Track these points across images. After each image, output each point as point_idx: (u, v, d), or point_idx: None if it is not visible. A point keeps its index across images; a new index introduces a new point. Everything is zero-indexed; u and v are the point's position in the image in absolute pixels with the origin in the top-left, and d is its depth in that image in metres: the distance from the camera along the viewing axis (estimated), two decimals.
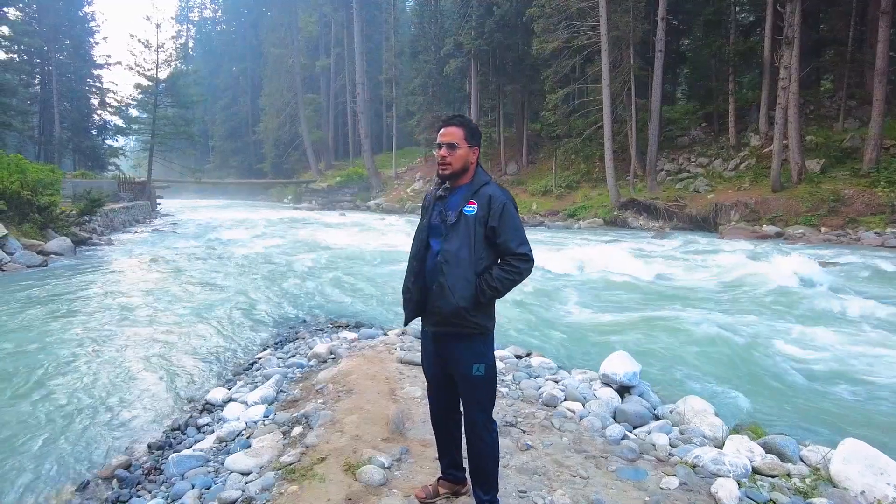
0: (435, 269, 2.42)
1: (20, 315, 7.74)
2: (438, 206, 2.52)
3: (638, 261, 12.41)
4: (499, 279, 2.41)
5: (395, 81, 46.26)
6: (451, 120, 2.50)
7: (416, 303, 2.52)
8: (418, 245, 2.53)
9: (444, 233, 2.43)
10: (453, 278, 2.36)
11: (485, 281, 2.39)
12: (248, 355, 6.29)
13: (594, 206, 25.23)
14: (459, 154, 2.44)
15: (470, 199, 2.42)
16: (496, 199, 2.40)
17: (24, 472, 3.62)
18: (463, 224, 2.39)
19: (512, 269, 2.42)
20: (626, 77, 24.82)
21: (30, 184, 14.46)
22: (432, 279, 2.44)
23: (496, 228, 2.39)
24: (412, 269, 2.53)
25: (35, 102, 37.89)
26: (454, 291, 2.35)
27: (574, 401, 4.21)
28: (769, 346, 6.34)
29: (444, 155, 2.45)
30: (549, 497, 2.85)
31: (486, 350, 2.49)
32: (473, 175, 2.50)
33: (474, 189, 2.44)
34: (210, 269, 12.45)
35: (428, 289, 2.46)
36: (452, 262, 2.37)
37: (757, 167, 21.82)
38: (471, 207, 2.40)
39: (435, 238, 2.48)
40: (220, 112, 70.69)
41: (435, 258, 2.44)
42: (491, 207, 2.39)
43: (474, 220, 2.39)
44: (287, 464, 3.23)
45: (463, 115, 2.57)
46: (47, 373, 5.45)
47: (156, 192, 36.51)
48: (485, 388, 2.52)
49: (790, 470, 3.25)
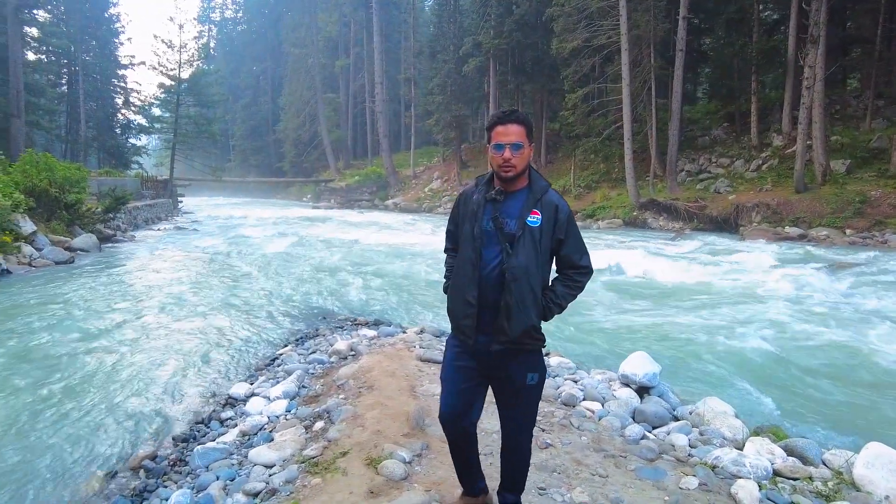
0: (495, 283, 2.20)
1: (50, 310, 7.95)
2: (490, 210, 2.26)
3: (658, 262, 12.33)
4: (563, 296, 2.30)
5: (414, 81, 46.39)
6: (511, 116, 2.23)
7: (479, 318, 2.26)
8: (473, 252, 2.26)
9: (502, 243, 2.20)
10: (523, 297, 2.18)
11: (550, 299, 2.28)
12: (270, 351, 6.39)
13: (613, 207, 25.05)
14: (525, 154, 2.21)
15: (533, 208, 2.21)
16: (562, 209, 2.24)
17: (56, 461, 3.74)
18: (528, 237, 2.18)
19: (575, 284, 2.33)
20: (646, 76, 24.60)
21: (58, 182, 14.81)
22: (491, 293, 2.22)
23: (563, 241, 2.26)
24: (471, 281, 2.24)
25: (62, 102, 38.68)
26: (525, 311, 2.18)
27: (593, 401, 4.22)
28: (791, 348, 6.28)
29: (508, 157, 2.18)
30: (568, 494, 2.87)
31: (540, 358, 2.36)
32: (529, 178, 2.28)
33: (536, 196, 2.23)
34: (231, 267, 12.64)
35: (483, 303, 2.24)
36: (521, 280, 2.17)
37: (780, 168, 21.48)
38: (535, 218, 2.20)
39: (487, 247, 2.23)
40: (241, 111, 71.55)
41: (492, 271, 2.22)
42: (557, 219, 2.23)
43: (540, 233, 2.20)
44: (310, 457, 3.29)
45: (519, 111, 2.29)
46: (76, 366, 5.60)
47: (178, 190, 37.04)
48: (536, 397, 2.39)
49: (812, 473, 3.23)
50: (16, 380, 5.17)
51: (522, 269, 2.16)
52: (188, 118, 39.48)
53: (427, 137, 46.47)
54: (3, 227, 11.46)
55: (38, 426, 4.24)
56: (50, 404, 4.65)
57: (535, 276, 2.19)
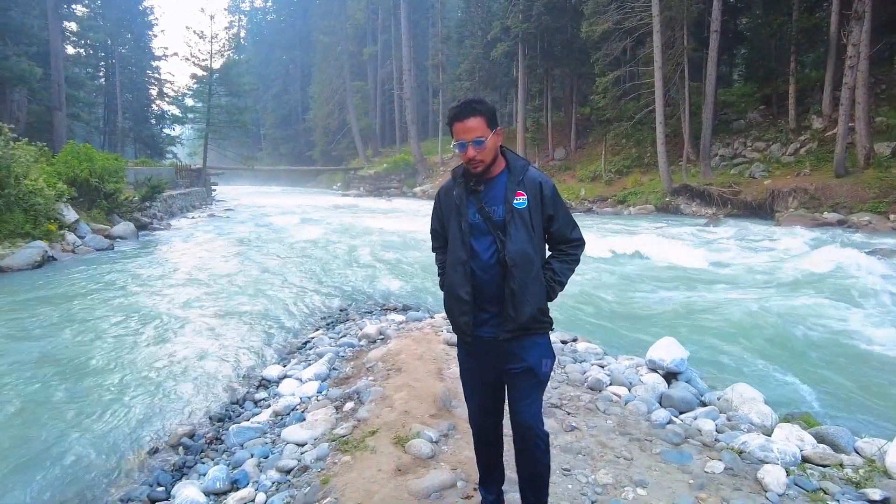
0: (494, 274, 2.15)
1: (93, 295, 8.28)
2: (473, 201, 2.20)
3: (689, 247, 12.14)
4: (562, 272, 2.25)
5: (442, 67, 46.18)
6: (466, 110, 2.12)
7: (474, 313, 2.21)
8: (462, 249, 2.20)
9: (494, 233, 2.15)
10: (526, 282, 2.12)
11: (550, 278, 2.23)
12: (302, 335, 6.56)
13: (645, 192, 24.64)
14: (488, 146, 2.11)
15: (517, 189, 2.15)
16: (546, 184, 2.19)
17: (103, 438, 3.93)
18: (519, 220, 2.12)
19: (571, 258, 2.29)
20: (679, 59, 24.00)
21: (97, 172, 15.30)
22: (490, 286, 2.17)
23: (553, 217, 2.21)
24: (463, 278, 2.19)
25: (100, 94, 39.79)
26: (530, 296, 2.13)
27: (620, 385, 4.23)
28: (825, 335, 6.15)
29: (471, 156, 2.11)
30: (593, 476, 2.91)
31: (549, 343, 2.30)
32: (506, 160, 2.22)
33: (517, 177, 2.17)
34: (263, 253, 12.92)
35: (485, 296, 2.19)
36: (522, 265, 2.11)
37: (819, 151, 20.77)
38: (521, 199, 2.14)
39: (478, 239, 2.18)
40: (271, 100, 72.46)
41: (488, 261, 2.16)
42: (543, 195, 2.17)
43: (529, 214, 2.14)
44: (340, 436, 3.40)
45: (475, 98, 2.17)
46: (120, 349, 5.85)
47: (211, 178, 37.78)
48: (545, 383, 2.33)
49: (843, 460, 3.19)
50: (66, 362, 5.43)
51: (521, 253, 2.11)
52: (220, 108, 40.17)
53: None
54: (49, 217, 11.94)
55: (89, 403, 4.47)
56: (98, 383, 4.88)
57: (534, 259, 2.15)
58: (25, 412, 4.30)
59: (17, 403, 4.44)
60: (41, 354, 5.59)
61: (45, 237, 11.35)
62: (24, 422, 4.14)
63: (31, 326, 6.54)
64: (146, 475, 3.55)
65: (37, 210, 11.55)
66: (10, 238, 10.58)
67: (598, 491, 2.78)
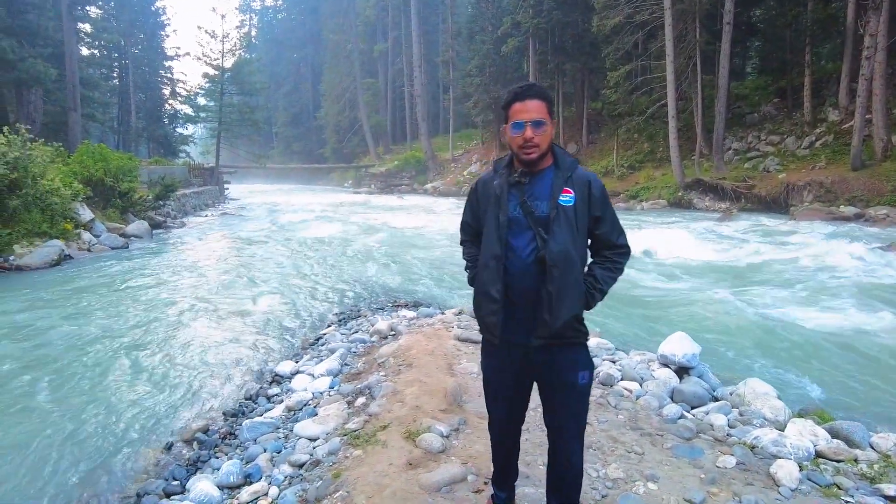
0: (531, 273, 2.00)
1: (110, 293, 8.40)
2: (515, 195, 2.05)
3: (702, 242, 12.04)
4: (604, 280, 2.10)
5: (452, 63, 46.08)
6: (530, 91, 2.00)
7: (505, 314, 2.07)
8: (498, 244, 2.05)
9: (535, 229, 2.00)
10: (565, 285, 1.97)
11: (591, 285, 2.08)
12: (314, 331, 6.62)
13: (658, 187, 24.45)
14: (547, 132, 1.98)
15: (564, 186, 2.00)
16: (596, 184, 2.04)
17: (118, 434, 4.01)
18: (563, 218, 1.98)
19: (615, 265, 2.13)
20: (691, 52, 23.73)
21: (112, 171, 15.49)
22: (526, 285, 2.02)
23: (600, 219, 2.06)
24: (495, 275, 2.05)
25: (114, 94, 40.24)
26: (568, 301, 1.98)
27: (631, 380, 4.21)
28: (843, 331, 6.08)
29: (530, 136, 1.97)
30: (604, 470, 2.91)
31: (587, 353, 2.15)
32: (554, 155, 2.08)
33: (566, 174, 2.03)
34: (276, 251, 13.01)
35: (518, 296, 2.05)
36: (563, 267, 1.96)
37: (835, 144, 20.47)
38: (567, 197, 1.99)
39: (516, 235, 2.03)
40: (283, 99, 72.80)
41: (526, 259, 2.02)
42: (592, 195, 2.03)
43: (574, 213, 1.99)
44: (351, 430, 3.43)
45: (538, 84, 2.07)
46: (136, 345, 5.94)
47: (223, 177, 38.10)
48: (586, 397, 2.16)
49: (857, 455, 3.16)
50: (83, 359, 5.52)
51: (562, 254, 1.96)
52: (232, 107, 40.46)
53: (466, 120, 46.21)
54: (65, 216, 12.11)
55: (106, 399, 4.56)
56: (114, 380, 4.97)
57: (575, 261, 1.99)
58: (45, 408, 4.39)
59: (38, 400, 4.53)
60: (58, 351, 5.69)
61: (62, 236, 11.53)
62: (42, 418, 4.22)
63: (49, 324, 6.65)
64: (161, 470, 3.60)
65: (53, 209, 11.73)
66: (28, 237, 10.75)
67: (608, 485, 2.78)
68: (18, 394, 4.64)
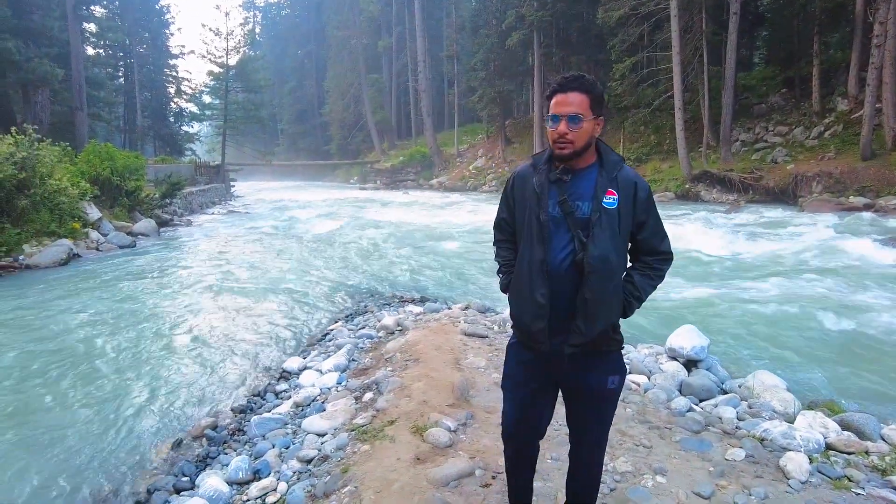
0: (566, 278, 1.89)
1: (119, 291, 8.45)
2: (555, 193, 1.92)
3: (709, 234, 11.97)
4: (643, 288, 1.99)
5: (457, 57, 45.94)
6: (572, 83, 1.87)
7: (549, 318, 1.92)
8: (540, 246, 1.92)
9: (573, 231, 1.88)
10: (603, 293, 1.87)
11: (629, 292, 1.97)
12: (321, 327, 6.64)
13: (665, 180, 24.32)
14: (584, 129, 1.84)
15: (608, 187, 1.88)
16: (642, 187, 1.93)
17: (127, 432, 4.03)
18: (606, 221, 1.86)
19: (655, 273, 2.01)
20: (697, 43, 23.53)
21: (118, 170, 15.55)
22: (561, 290, 1.90)
23: (644, 224, 1.95)
24: (540, 279, 1.91)
25: (119, 94, 40.36)
26: (604, 309, 1.89)
27: (639, 374, 4.20)
28: (850, 323, 6.03)
29: (563, 132, 1.84)
30: (612, 464, 2.90)
31: (620, 359, 2.05)
32: (599, 153, 1.95)
33: (611, 174, 1.90)
34: (282, 248, 13.05)
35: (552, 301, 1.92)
36: (602, 273, 1.85)
37: (844, 134, 20.26)
38: (611, 199, 1.87)
39: (554, 237, 1.91)
40: (288, 96, 72.80)
41: (561, 263, 1.89)
42: (637, 198, 1.91)
43: (618, 216, 1.88)
44: (359, 426, 3.44)
45: (585, 77, 1.90)
46: (145, 342, 5.98)
47: (229, 175, 38.13)
48: (613, 403, 2.07)
49: (868, 447, 3.14)
50: (93, 356, 5.56)
51: (602, 259, 1.84)
52: (237, 104, 40.55)
53: (471, 115, 46.09)
54: (73, 215, 12.18)
55: (115, 396, 4.58)
56: (124, 377, 5.00)
57: (615, 267, 1.88)
58: (55, 406, 4.43)
59: (48, 398, 4.57)
60: (68, 349, 5.73)
61: (70, 235, 11.60)
62: (54, 415, 4.26)
63: (59, 322, 6.70)
64: (171, 466, 3.63)
65: (62, 209, 11.80)
66: (37, 236, 10.83)
67: (617, 479, 2.78)
68: (31, 392, 4.67)
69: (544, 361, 1.99)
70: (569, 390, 2.06)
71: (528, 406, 2.10)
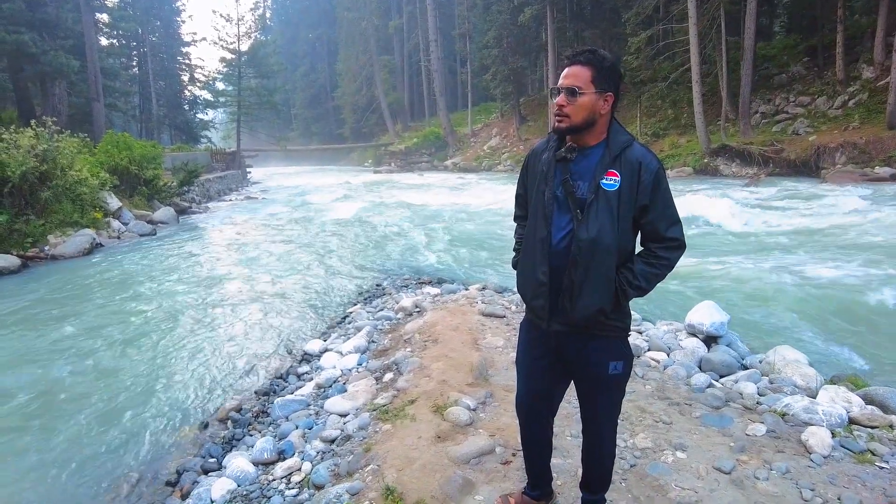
0: (564, 258, 1.86)
1: (142, 278, 8.62)
2: (560, 171, 1.89)
3: (729, 208, 11.78)
4: (643, 276, 1.86)
5: (469, 36, 45.34)
6: (577, 57, 1.83)
7: (551, 297, 1.92)
8: (543, 223, 1.91)
9: (573, 211, 1.84)
10: (589, 276, 1.82)
11: (625, 279, 1.86)
12: (341, 310, 6.72)
13: (683, 155, 23.93)
14: (582, 102, 1.79)
15: (609, 167, 1.81)
16: (648, 167, 1.82)
17: (157, 415, 4.16)
18: (603, 203, 1.80)
19: (660, 261, 1.88)
20: (714, 13, 22.92)
21: (136, 159, 15.74)
22: (560, 268, 1.88)
23: (647, 207, 1.83)
24: (541, 257, 1.91)
25: (134, 83, 40.62)
26: (590, 292, 1.83)
27: (658, 350, 4.20)
28: (873, 297, 5.92)
29: (561, 104, 1.81)
30: (632, 440, 2.91)
31: (623, 345, 2.00)
32: (608, 131, 1.88)
33: (614, 153, 1.83)
34: (300, 232, 13.15)
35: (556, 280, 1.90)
36: (589, 255, 1.81)
37: (869, 102, 19.70)
38: (611, 180, 1.80)
39: (557, 216, 1.89)
40: (300, 80, 72.65)
41: (559, 242, 1.87)
42: (640, 178, 1.81)
43: (617, 198, 1.80)
44: (380, 405, 3.49)
45: (594, 50, 1.84)
46: (169, 327, 6.11)
47: (245, 161, 38.35)
48: (620, 387, 2.03)
49: (893, 421, 3.11)
50: (121, 343, 5.70)
51: (589, 243, 1.80)
52: (250, 90, 40.56)
53: (484, 94, 45.58)
54: (94, 205, 12.39)
55: (143, 382, 4.71)
56: (150, 364, 5.13)
57: (607, 251, 1.81)
58: (87, 392, 4.56)
59: (81, 385, 4.71)
60: (96, 336, 5.87)
61: (92, 225, 11.81)
62: (85, 402, 4.39)
63: (86, 310, 6.86)
64: (199, 448, 3.73)
65: (83, 199, 12.00)
66: (61, 227, 11.04)
67: (637, 455, 2.79)
68: (63, 380, 4.81)
69: (549, 339, 1.99)
70: (573, 371, 2.05)
71: (538, 381, 2.12)
